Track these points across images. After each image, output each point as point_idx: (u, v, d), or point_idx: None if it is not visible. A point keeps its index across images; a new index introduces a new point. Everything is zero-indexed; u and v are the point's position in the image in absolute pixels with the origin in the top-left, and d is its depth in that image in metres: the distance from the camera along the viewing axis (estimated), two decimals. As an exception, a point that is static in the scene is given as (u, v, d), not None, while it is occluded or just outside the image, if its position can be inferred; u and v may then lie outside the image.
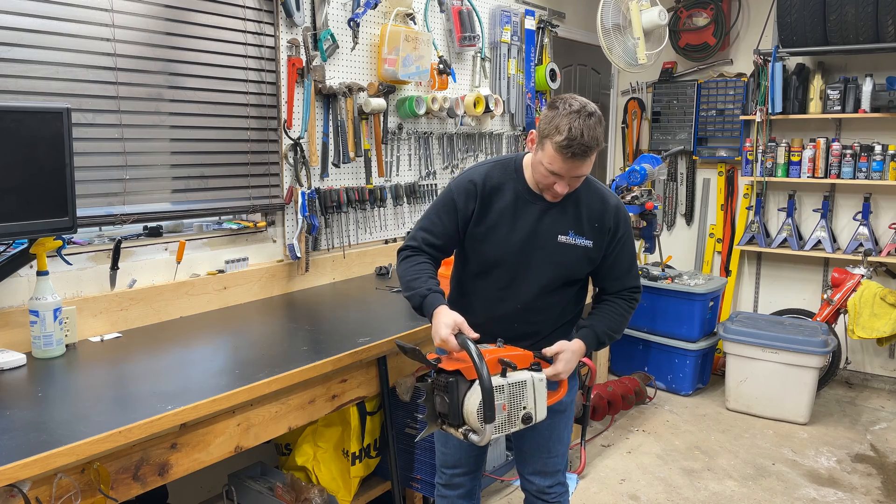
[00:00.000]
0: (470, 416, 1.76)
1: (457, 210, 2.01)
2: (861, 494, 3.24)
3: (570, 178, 1.87)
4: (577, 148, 1.79)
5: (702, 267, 5.37)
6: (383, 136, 3.41)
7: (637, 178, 4.10)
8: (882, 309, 4.06)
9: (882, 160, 4.32)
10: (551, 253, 1.98)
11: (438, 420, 1.86)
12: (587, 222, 1.98)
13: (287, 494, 2.49)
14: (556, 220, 1.98)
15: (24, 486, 1.49)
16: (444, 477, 2.24)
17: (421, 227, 2.07)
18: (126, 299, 2.47)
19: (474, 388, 1.76)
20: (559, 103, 1.85)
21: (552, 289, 2.02)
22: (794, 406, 3.99)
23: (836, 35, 4.20)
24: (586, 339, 2.00)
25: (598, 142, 1.82)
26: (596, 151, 1.85)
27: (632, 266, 2.08)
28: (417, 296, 1.93)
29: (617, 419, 4.01)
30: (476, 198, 1.99)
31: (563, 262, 1.99)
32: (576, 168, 1.84)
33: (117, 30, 2.40)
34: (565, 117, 1.80)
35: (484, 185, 2.00)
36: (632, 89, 5.55)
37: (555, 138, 1.80)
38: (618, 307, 2.06)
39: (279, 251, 3.08)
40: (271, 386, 1.96)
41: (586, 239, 1.98)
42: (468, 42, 3.82)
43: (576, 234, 1.98)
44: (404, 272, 2.02)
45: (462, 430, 1.79)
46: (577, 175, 1.87)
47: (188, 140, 2.68)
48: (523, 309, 2.02)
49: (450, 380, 1.79)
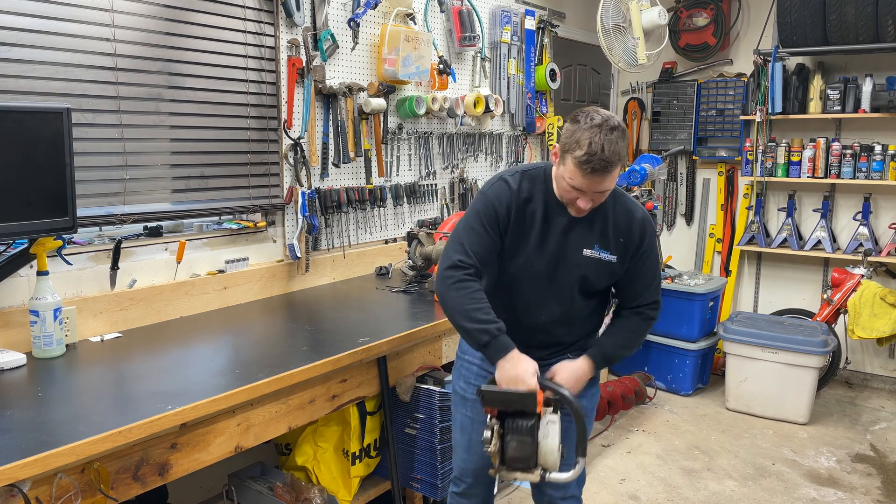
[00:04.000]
0: (549, 455, 1.77)
1: (498, 218, 1.91)
2: (861, 494, 3.24)
3: (592, 193, 1.82)
4: (598, 163, 1.74)
5: (702, 267, 5.37)
6: (383, 136, 3.41)
7: (637, 178, 4.10)
8: (882, 309, 4.06)
9: (882, 160, 4.32)
10: (576, 267, 1.95)
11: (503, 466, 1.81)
12: (613, 237, 1.95)
13: (287, 494, 2.49)
14: (583, 234, 1.94)
15: (25, 486, 1.49)
16: (461, 485, 2.20)
17: (468, 242, 1.90)
18: (126, 299, 2.47)
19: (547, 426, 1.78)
20: (581, 116, 1.80)
21: (575, 301, 2.00)
22: (794, 406, 3.99)
23: (836, 35, 4.20)
24: (594, 358, 1.97)
25: (619, 157, 1.77)
26: (619, 166, 1.80)
27: (653, 280, 2.01)
28: (485, 333, 1.83)
29: (617, 419, 4.01)
30: (513, 205, 1.92)
31: (586, 275, 1.96)
32: (597, 183, 1.80)
33: (117, 30, 2.40)
34: (587, 131, 1.75)
35: (519, 193, 1.93)
36: (632, 89, 5.56)
37: (575, 153, 1.76)
38: (631, 324, 2.02)
39: (279, 251, 3.08)
40: (271, 386, 1.96)
41: (611, 254, 1.95)
42: (468, 42, 3.82)
43: (601, 248, 1.94)
44: (461, 300, 1.85)
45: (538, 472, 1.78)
46: (600, 190, 1.83)
47: (188, 140, 2.68)
48: (548, 321, 2.00)
49: (530, 423, 1.77)
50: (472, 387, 2.10)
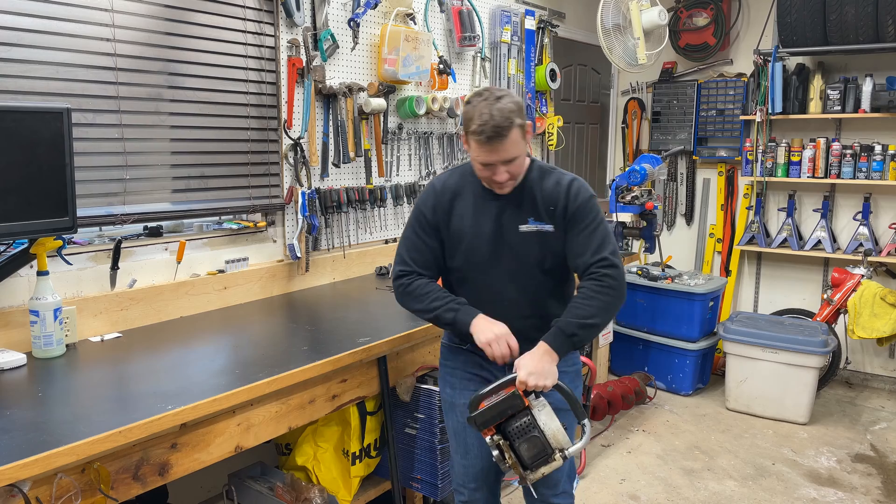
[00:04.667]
0: (558, 435, 1.84)
1: (428, 221, 2.04)
2: (861, 494, 3.24)
3: (499, 163, 1.88)
4: (491, 131, 1.82)
5: (702, 267, 5.37)
6: (383, 136, 3.41)
7: (637, 178, 4.10)
8: (882, 309, 4.06)
9: (882, 160, 4.32)
10: (519, 245, 1.99)
11: (528, 471, 1.86)
12: (543, 206, 1.98)
13: (287, 494, 2.49)
14: (515, 213, 2.00)
15: (25, 485, 1.49)
16: (465, 493, 2.20)
17: (405, 251, 2.07)
18: (126, 299, 2.47)
19: (540, 412, 1.85)
20: (471, 97, 1.90)
21: (536, 279, 2.02)
22: (794, 406, 3.99)
23: (836, 35, 4.20)
24: (550, 338, 1.91)
25: (510, 118, 1.83)
26: (515, 129, 1.85)
27: (592, 237, 1.95)
28: (448, 311, 1.97)
29: (617, 419, 4.01)
30: (440, 205, 2.03)
31: (529, 251, 1.99)
32: (498, 151, 1.85)
33: (117, 30, 2.40)
34: (475, 107, 1.85)
35: (444, 191, 2.05)
36: (632, 89, 5.56)
37: (470, 128, 1.86)
38: (586, 291, 1.93)
39: (279, 251, 3.08)
40: (271, 386, 1.96)
41: (546, 224, 1.98)
42: (468, 42, 3.82)
43: (536, 220, 1.99)
44: (413, 298, 2.03)
45: (558, 455, 1.84)
46: (505, 159, 1.88)
47: (188, 140, 2.68)
48: (515, 306, 2.02)
49: (526, 419, 1.84)
50: (459, 392, 2.15)
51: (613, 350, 4.62)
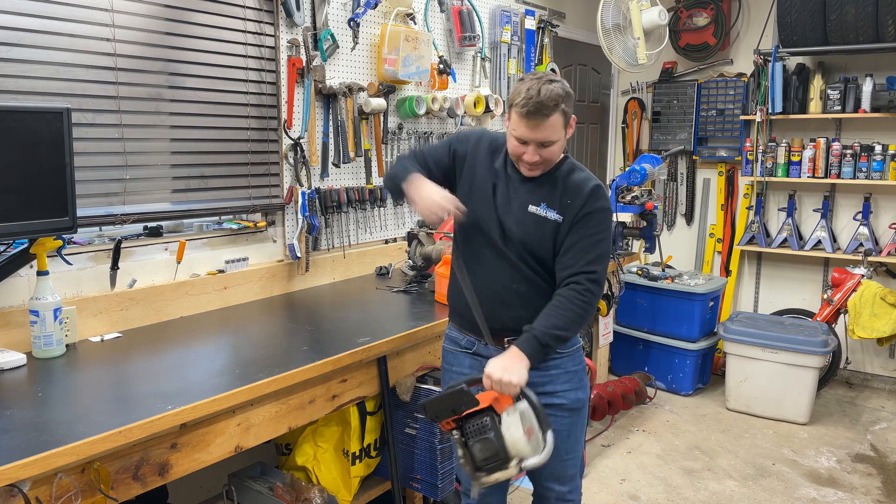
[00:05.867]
0: (518, 444, 1.77)
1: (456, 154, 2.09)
2: (861, 494, 3.24)
3: (535, 143, 1.88)
4: (534, 106, 1.82)
5: (702, 267, 5.37)
6: (383, 136, 3.41)
7: (637, 178, 4.09)
8: (882, 309, 4.06)
9: (882, 160, 4.32)
10: (520, 221, 1.97)
11: (481, 472, 1.81)
12: (560, 197, 1.96)
13: (287, 494, 2.49)
14: (531, 191, 1.98)
15: (24, 486, 1.49)
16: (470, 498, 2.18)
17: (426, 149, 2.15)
18: (126, 299, 2.47)
19: (508, 417, 1.79)
20: (525, 76, 1.93)
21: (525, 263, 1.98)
22: (794, 406, 3.99)
23: (836, 35, 4.20)
24: (525, 344, 1.86)
25: (556, 100, 1.84)
26: (558, 114, 1.86)
27: (593, 249, 1.93)
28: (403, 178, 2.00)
29: (617, 419, 4.01)
30: (478, 148, 2.07)
31: (530, 231, 1.96)
32: (537, 129, 1.86)
33: (117, 30, 2.40)
34: (525, 83, 1.88)
35: (479, 143, 2.09)
36: (632, 89, 5.56)
37: (515, 100, 1.87)
38: (564, 300, 1.90)
39: (279, 251, 3.08)
40: (271, 386, 1.96)
41: (557, 213, 1.95)
42: (468, 42, 3.82)
43: (547, 206, 1.96)
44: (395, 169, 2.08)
45: (513, 464, 1.78)
46: (542, 140, 1.87)
47: (188, 140, 2.68)
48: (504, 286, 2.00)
49: (485, 419, 1.78)
50: None
51: (613, 350, 4.62)
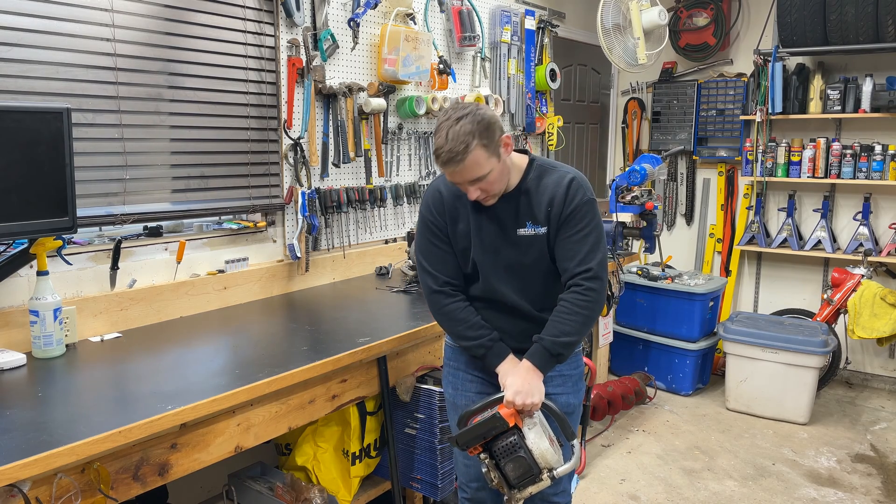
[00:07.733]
0: (546, 455, 1.81)
1: (437, 227, 2.02)
2: (861, 494, 3.24)
3: (466, 183, 1.86)
4: (446, 155, 1.79)
5: (702, 267, 5.37)
6: (383, 136, 3.41)
7: (637, 178, 4.09)
8: (882, 309, 4.06)
9: (882, 160, 4.32)
10: (519, 247, 1.97)
11: (514, 490, 1.85)
12: (541, 208, 1.94)
13: (287, 494, 2.49)
14: (512, 216, 1.97)
15: (24, 486, 1.49)
16: (468, 491, 2.20)
17: (429, 264, 2.04)
18: (126, 299, 2.47)
19: (530, 431, 1.82)
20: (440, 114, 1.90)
21: (532, 285, 2.00)
22: (794, 406, 3.99)
23: (836, 35, 4.20)
24: (536, 358, 1.90)
25: (465, 142, 1.77)
26: (475, 150, 1.78)
27: (581, 245, 1.91)
28: (480, 347, 1.97)
29: (617, 419, 4.01)
30: (444, 208, 2.01)
31: (528, 254, 1.97)
32: (460, 173, 1.83)
33: (117, 30, 2.40)
34: (437, 128, 1.83)
35: (443, 196, 2.02)
36: (632, 89, 5.55)
37: (434, 148, 1.84)
38: (567, 305, 1.91)
39: (279, 251, 3.08)
40: (271, 386, 1.96)
41: (541, 226, 1.95)
42: (468, 42, 3.82)
43: (533, 223, 1.96)
44: (449, 321, 2.03)
45: (545, 475, 1.82)
46: (470, 179, 1.84)
47: (188, 140, 2.68)
48: (515, 308, 2.02)
49: (512, 438, 1.81)
50: (461, 393, 2.16)
51: (613, 350, 4.62)
